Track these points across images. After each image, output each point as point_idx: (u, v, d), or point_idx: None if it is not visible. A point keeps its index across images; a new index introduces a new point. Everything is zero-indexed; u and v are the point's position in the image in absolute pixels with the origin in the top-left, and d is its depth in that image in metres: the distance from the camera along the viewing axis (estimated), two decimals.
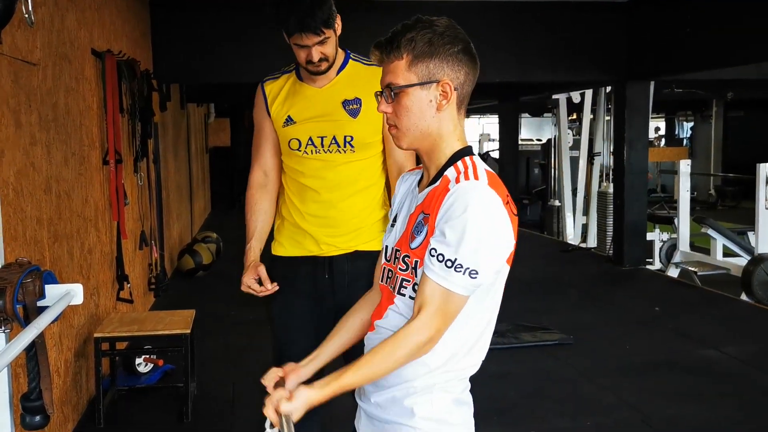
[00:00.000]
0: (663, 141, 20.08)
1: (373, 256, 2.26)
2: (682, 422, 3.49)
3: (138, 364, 3.92)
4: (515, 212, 1.46)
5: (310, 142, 2.24)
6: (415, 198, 1.54)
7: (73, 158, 3.49)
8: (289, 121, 2.26)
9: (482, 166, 1.46)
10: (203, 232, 8.41)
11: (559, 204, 10.24)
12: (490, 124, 20.53)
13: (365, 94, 2.22)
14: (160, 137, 6.43)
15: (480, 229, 1.36)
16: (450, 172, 1.45)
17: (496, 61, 6.43)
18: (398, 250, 1.52)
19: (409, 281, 1.47)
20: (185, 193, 8.79)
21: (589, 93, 9.78)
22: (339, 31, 2.19)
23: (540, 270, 7.56)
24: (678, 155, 14.59)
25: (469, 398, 1.55)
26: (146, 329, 3.47)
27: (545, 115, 16.50)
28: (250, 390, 2.43)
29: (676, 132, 20.83)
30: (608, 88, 8.79)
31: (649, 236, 7.85)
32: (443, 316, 1.39)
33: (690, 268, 6.98)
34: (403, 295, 1.48)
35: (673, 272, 7.26)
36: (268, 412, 1.35)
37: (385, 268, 1.57)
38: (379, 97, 1.49)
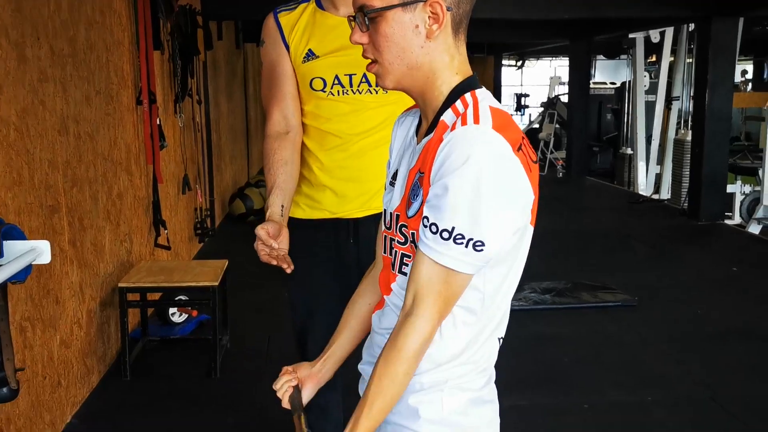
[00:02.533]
0: (750, 85, 18.76)
1: None
2: (757, 402, 3.11)
3: (172, 314, 3.78)
4: (534, 158, 1.12)
5: (336, 81, 1.90)
6: (413, 150, 1.21)
7: (98, 97, 3.29)
8: (311, 55, 1.92)
9: (487, 103, 1.12)
10: (259, 176, 8.25)
11: (632, 152, 9.61)
12: (563, 66, 19.60)
13: None
14: (210, 77, 6.21)
15: (484, 187, 1.04)
16: (448, 116, 1.12)
17: None
18: (398, 216, 1.22)
19: (410, 257, 1.17)
20: (241, 135, 8.62)
21: (669, 31, 9.02)
22: None
23: (606, 222, 7.11)
24: (760, 100, 13.59)
25: (493, 393, 1.25)
26: (173, 280, 3.29)
27: (621, 56, 15.56)
28: (287, 344, 2.22)
29: (765, 76, 19.42)
30: (691, 26, 8.06)
31: (730, 188, 7.25)
32: (444, 300, 1.10)
33: None
34: (405, 274, 1.18)
35: (755, 228, 6.69)
36: None
37: (385, 236, 1.27)
38: (351, 23, 1.16)
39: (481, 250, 1.06)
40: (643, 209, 7.77)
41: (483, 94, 1.14)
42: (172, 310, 3.75)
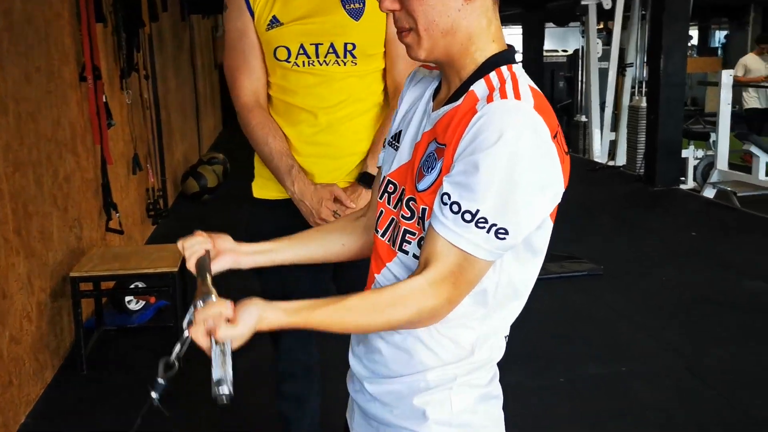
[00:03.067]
0: (695, 51, 19.08)
1: None
2: (732, 368, 3.11)
3: (128, 302, 3.59)
4: (566, 150, 1.02)
5: (301, 51, 1.76)
6: (427, 116, 1.09)
7: (38, 74, 3.05)
8: (275, 22, 1.76)
9: (526, 82, 1.01)
10: (210, 152, 8.00)
11: (586, 119, 9.63)
12: (513, 35, 19.57)
13: None
14: (156, 51, 5.93)
15: (518, 171, 0.93)
16: (479, 87, 1.01)
17: None
18: (393, 184, 1.10)
19: (414, 234, 1.06)
20: (190, 111, 8.32)
21: None
22: None
23: (565, 191, 7.10)
24: (712, 65, 13.78)
25: (498, 388, 1.17)
26: (129, 267, 3.11)
27: (571, 24, 15.58)
28: None
29: (709, 41, 19.78)
30: None
31: (683, 153, 7.31)
32: (456, 283, 0.99)
33: (729, 188, 6.47)
34: (406, 252, 1.07)
35: (709, 192, 6.76)
36: (197, 333, 0.94)
37: (381, 210, 1.14)
38: None
39: (504, 238, 0.96)
40: (600, 176, 7.80)
41: (521, 71, 1.03)
42: (128, 297, 3.57)
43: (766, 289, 4.07)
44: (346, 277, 1.83)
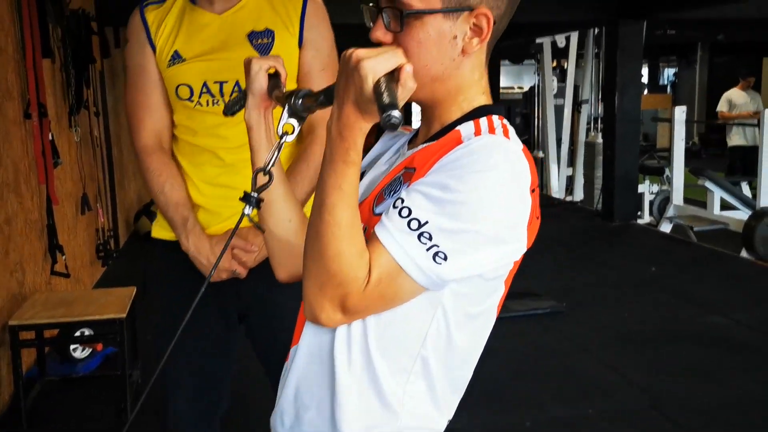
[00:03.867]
0: (646, 88, 19.61)
1: None
2: (696, 404, 3.07)
3: (73, 349, 3.40)
4: (538, 215, 0.95)
5: (205, 90, 1.64)
6: (400, 156, 1.03)
7: None
8: (176, 58, 1.64)
9: (515, 135, 0.96)
10: None
11: (543, 155, 9.75)
12: None
13: (278, 24, 1.65)
14: (108, 87, 5.80)
15: (486, 205, 0.86)
16: (465, 128, 0.94)
17: None
18: None
19: None
20: None
21: (574, 36, 9.21)
22: None
23: None
24: (662, 102, 14.13)
25: None
26: (74, 314, 2.94)
27: (526, 62, 15.88)
28: None
29: (659, 79, 20.36)
30: (596, 31, 8.23)
31: (639, 188, 7.41)
32: (376, 293, 0.89)
33: (685, 223, 6.55)
34: None
35: (666, 227, 6.84)
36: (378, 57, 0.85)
37: None
38: (374, 11, 0.95)
39: (440, 263, 0.86)
40: (559, 212, 7.84)
41: (510, 126, 0.98)
42: (73, 345, 3.38)
43: (727, 323, 4.07)
44: (253, 300, 1.73)
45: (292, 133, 0.94)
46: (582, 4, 6.36)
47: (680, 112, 6.83)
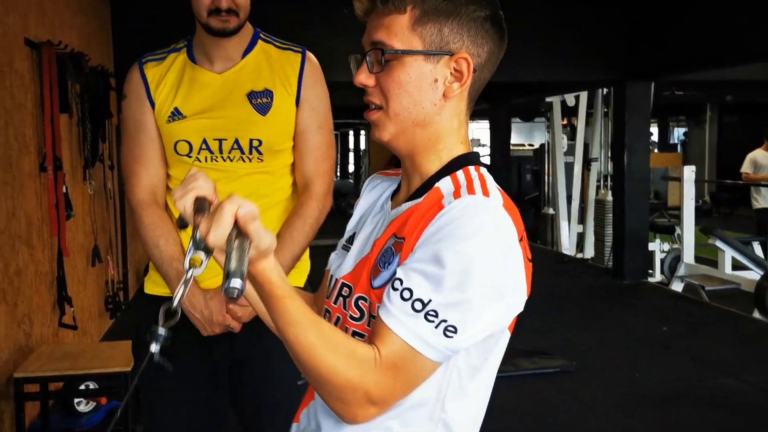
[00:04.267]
0: (656, 147, 19.72)
1: None
2: None
3: (78, 403, 3.38)
4: (530, 257, 0.97)
5: (204, 146, 1.67)
6: (385, 216, 1.04)
7: None
8: (176, 115, 1.68)
9: (494, 184, 0.97)
10: None
11: (554, 212, 9.76)
12: (480, 129, 20.09)
13: (277, 84, 1.69)
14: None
15: (480, 269, 0.88)
16: (444, 184, 0.96)
17: None
18: (347, 287, 1.01)
19: (363, 337, 0.97)
20: None
21: (584, 96, 9.32)
22: None
23: (534, 283, 6.99)
24: (672, 161, 14.18)
25: None
26: (79, 367, 2.93)
27: (536, 119, 16.05)
28: None
29: (669, 138, 20.48)
30: (605, 90, 8.34)
31: (650, 247, 7.38)
32: (398, 379, 0.89)
33: (696, 282, 6.50)
34: None
35: (677, 286, 6.78)
36: (224, 214, 0.83)
37: (325, 308, 1.06)
38: (360, 58, 0.99)
39: (452, 337, 0.88)
40: (569, 268, 7.81)
41: (488, 174, 0.99)
42: (78, 398, 3.36)
43: (740, 386, 4.00)
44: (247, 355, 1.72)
45: (200, 266, 0.87)
46: (590, 66, 6.46)
47: (689, 171, 6.85)
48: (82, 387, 3.14)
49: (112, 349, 3.17)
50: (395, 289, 0.89)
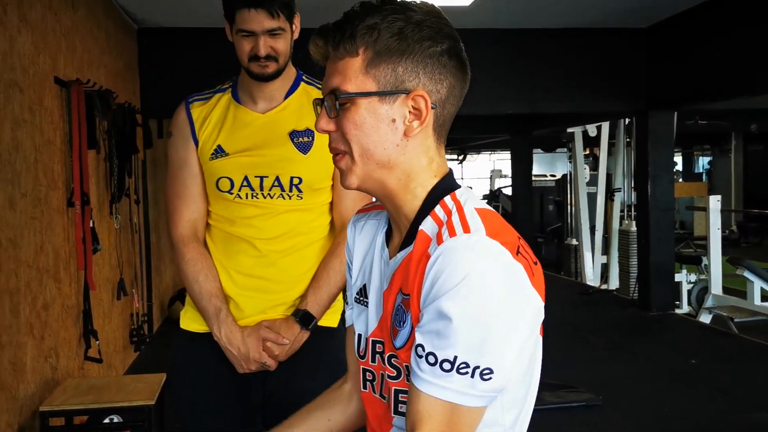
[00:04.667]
0: (680, 176, 19.56)
1: (325, 334, 1.73)
2: None
3: None
4: (535, 260, 0.96)
5: (245, 183, 1.72)
6: (385, 264, 1.03)
7: (24, 200, 3.03)
8: (219, 152, 1.73)
9: (472, 205, 0.96)
10: None
11: (577, 243, 9.68)
12: (502, 160, 20.12)
13: None
14: (149, 176, 5.99)
15: (487, 305, 0.87)
16: (428, 226, 0.96)
17: (506, 92, 5.98)
18: (380, 343, 1.01)
19: (406, 393, 0.97)
20: None
21: (605, 126, 9.31)
22: (296, 34, 1.71)
23: (559, 315, 6.99)
24: (698, 191, 14.04)
25: None
26: (103, 400, 2.95)
27: (558, 150, 16.02)
28: None
29: (693, 167, 20.31)
30: (627, 120, 8.32)
31: (676, 277, 7.28)
32: None
33: (725, 314, 6.38)
34: (404, 414, 0.97)
35: (705, 317, 6.67)
36: None
37: (363, 369, 1.06)
38: (318, 108, 0.99)
39: (490, 378, 0.88)
40: (594, 300, 7.72)
41: (464, 194, 0.98)
42: None
43: None
44: (281, 389, 1.73)
45: None
46: (612, 96, 6.46)
47: (715, 201, 6.78)
48: (107, 420, 3.14)
49: (136, 382, 3.18)
50: (420, 356, 0.89)
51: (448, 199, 0.97)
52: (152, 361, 4.82)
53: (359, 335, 1.07)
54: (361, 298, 1.09)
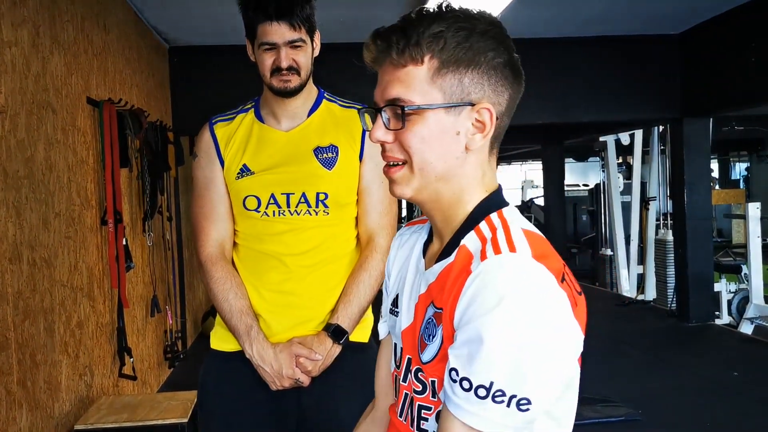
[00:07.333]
0: (717, 183, 19.19)
1: (356, 349, 1.72)
2: None
3: None
4: (579, 290, 0.92)
5: (272, 201, 1.71)
6: (420, 274, 1.00)
7: (57, 220, 3.06)
8: (245, 171, 1.73)
9: (519, 225, 0.92)
10: None
11: (612, 253, 9.53)
12: (533, 170, 19.93)
13: (342, 140, 1.73)
14: (182, 193, 6.05)
15: (527, 332, 0.83)
16: (470, 241, 0.92)
17: (538, 102, 5.92)
18: (409, 359, 0.99)
19: (430, 409, 0.94)
20: None
21: (638, 134, 9.17)
22: (317, 50, 1.72)
23: (595, 327, 6.81)
24: (735, 198, 13.77)
25: None
26: (137, 418, 2.96)
27: (590, 159, 15.85)
28: None
29: (730, 173, 19.92)
30: (660, 128, 8.18)
31: (715, 287, 7.11)
32: None
33: (767, 324, 6.21)
34: (425, 431, 0.95)
35: (747, 328, 6.50)
36: None
37: (395, 377, 1.04)
38: (375, 116, 0.95)
39: (527, 409, 0.84)
40: (631, 311, 7.57)
41: (512, 214, 0.94)
42: None
43: None
44: (314, 409, 1.71)
45: None
46: (644, 104, 6.36)
47: (754, 208, 6.62)
48: None
49: (169, 400, 3.19)
50: (454, 381, 0.86)
51: (494, 216, 0.94)
52: (186, 377, 4.83)
53: (401, 348, 1.03)
54: (394, 309, 1.06)
